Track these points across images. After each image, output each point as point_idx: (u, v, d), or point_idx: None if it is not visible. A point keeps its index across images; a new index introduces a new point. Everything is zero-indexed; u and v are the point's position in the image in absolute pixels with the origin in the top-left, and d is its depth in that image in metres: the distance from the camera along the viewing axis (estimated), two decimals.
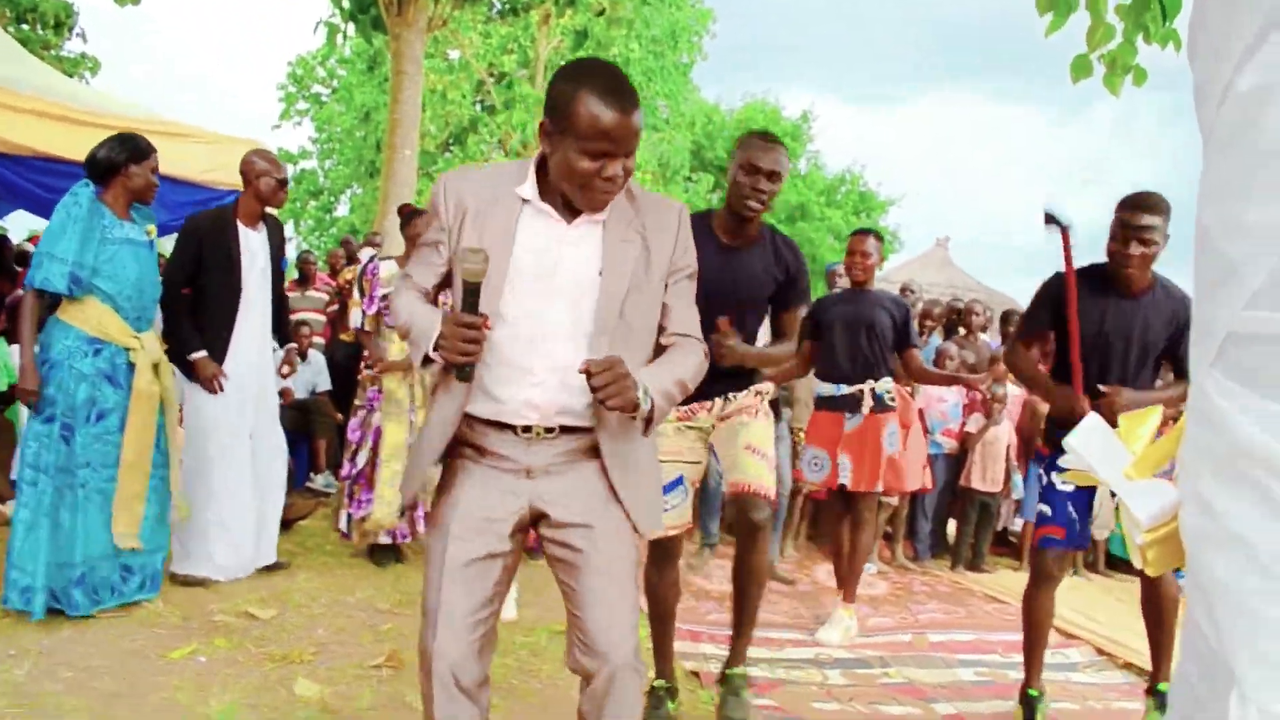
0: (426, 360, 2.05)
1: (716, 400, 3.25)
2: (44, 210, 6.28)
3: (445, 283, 2.21)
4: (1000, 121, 70.15)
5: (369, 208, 24.69)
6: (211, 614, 4.07)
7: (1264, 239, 1.00)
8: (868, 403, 4.77)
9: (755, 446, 3.15)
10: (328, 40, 10.67)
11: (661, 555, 3.25)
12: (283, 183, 4.68)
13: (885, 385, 4.77)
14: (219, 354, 4.53)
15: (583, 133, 1.94)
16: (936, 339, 7.34)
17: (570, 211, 2.11)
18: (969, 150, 69.04)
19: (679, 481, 3.22)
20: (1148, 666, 4.33)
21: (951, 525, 6.95)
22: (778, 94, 54.13)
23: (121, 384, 4.00)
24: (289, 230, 26.22)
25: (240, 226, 4.59)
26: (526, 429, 2.09)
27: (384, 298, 5.13)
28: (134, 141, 4.09)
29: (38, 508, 3.79)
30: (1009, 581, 6.19)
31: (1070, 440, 2.77)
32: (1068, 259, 3.33)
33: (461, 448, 2.16)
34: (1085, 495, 3.46)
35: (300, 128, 30.04)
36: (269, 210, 4.74)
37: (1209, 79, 1.07)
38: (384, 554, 5.19)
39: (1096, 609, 5.58)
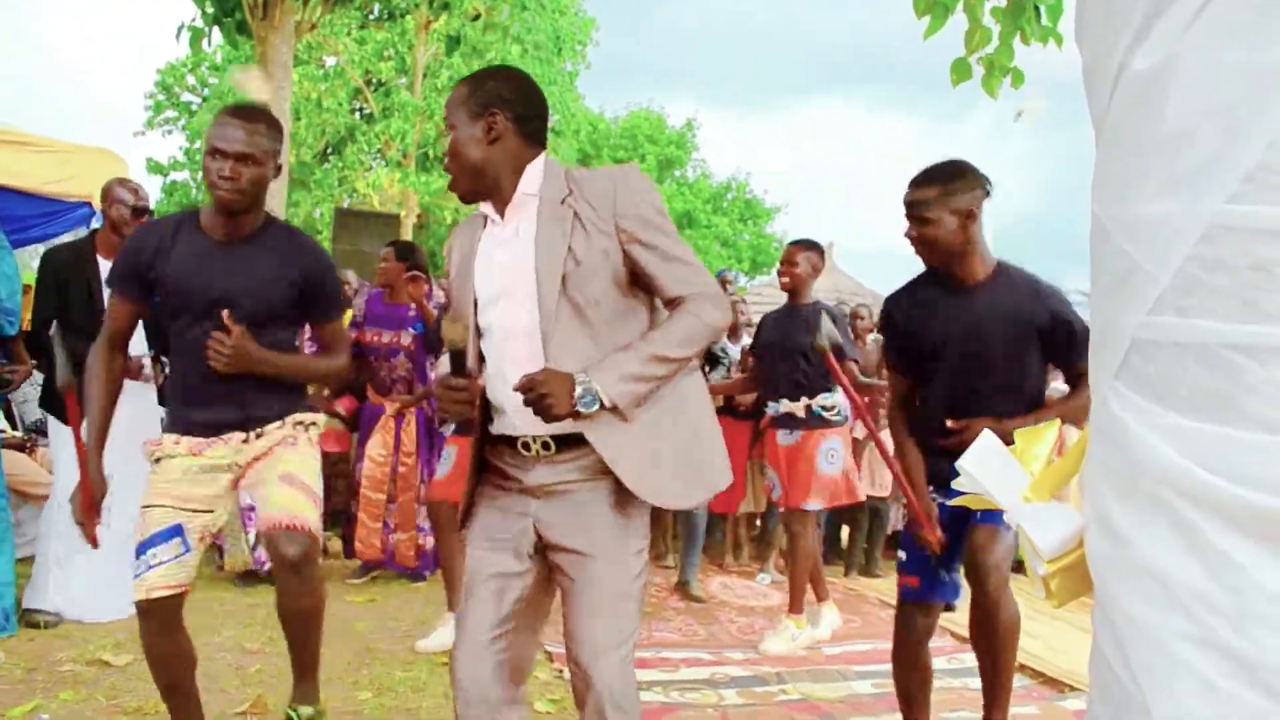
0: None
1: (238, 435, 2.79)
2: None
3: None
4: (878, 130, 71.99)
5: None
6: (59, 663, 3.75)
7: (1168, 235, 0.89)
8: (801, 418, 4.71)
9: (292, 475, 2.79)
10: (192, 45, 10.16)
11: (158, 622, 2.72)
12: (139, 211, 4.46)
13: (824, 401, 4.68)
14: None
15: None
16: None
17: (500, 207, 2.16)
18: (848, 159, 70.62)
19: (176, 532, 2.70)
20: (1040, 668, 4.37)
21: (844, 532, 6.94)
22: (661, 104, 54.49)
23: None
24: None
25: (100, 260, 4.40)
26: (526, 446, 2.11)
27: None
28: None
29: None
30: None
31: (964, 462, 2.57)
32: (836, 377, 3.16)
33: (487, 473, 2.24)
34: (951, 538, 2.98)
35: (171, 137, 28.86)
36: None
37: (1100, 59, 0.95)
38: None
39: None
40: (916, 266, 3.04)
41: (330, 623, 4.45)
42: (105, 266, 4.40)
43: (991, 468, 2.37)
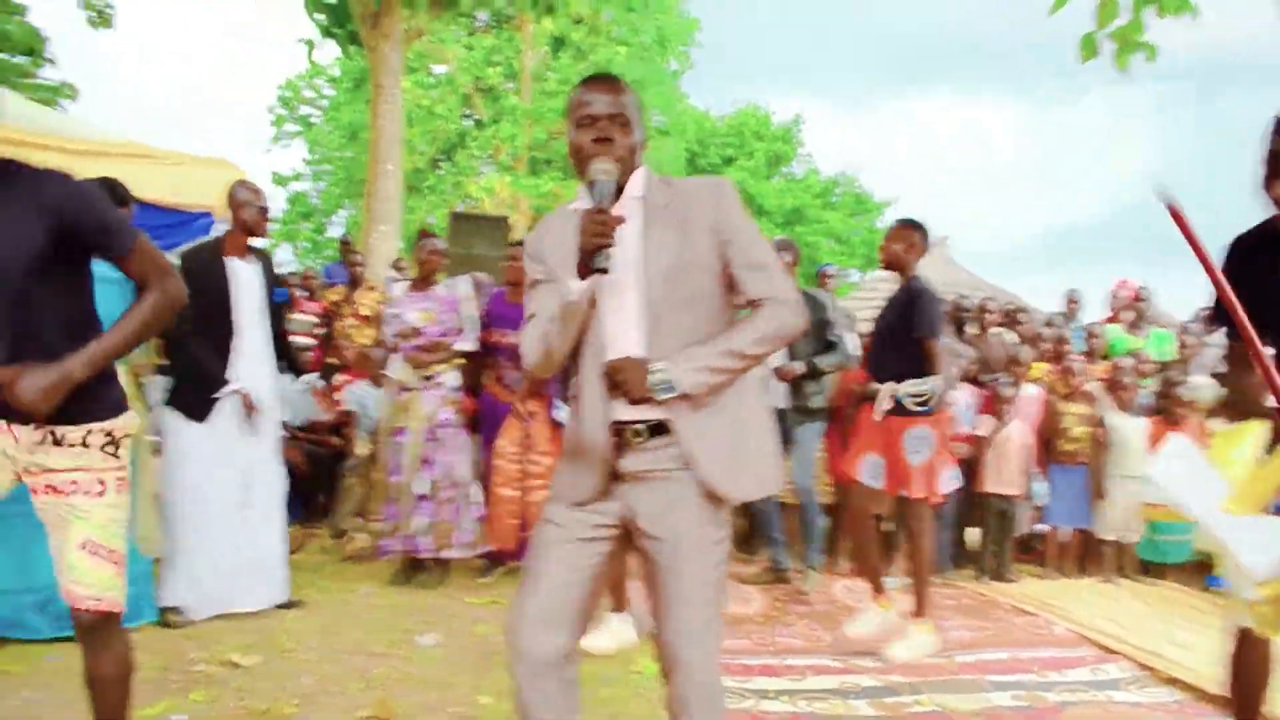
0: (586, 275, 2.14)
1: (24, 429, 2.30)
2: None
3: None
4: (989, 118, 69.92)
5: (361, 227, 24.51)
6: (191, 663, 3.79)
7: None
8: (882, 405, 4.49)
9: (96, 544, 2.35)
10: (307, 57, 10.44)
11: None
12: (264, 211, 4.57)
13: (907, 388, 4.46)
14: (215, 387, 4.44)
15: (572, 112, 2.24)
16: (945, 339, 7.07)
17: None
18: (960, 149, 68.77)
19: None
20: (1192, 681, 4.08)
21: (971, 533, 6.66)
22: (767, 99, 54.07)
23: None
24: (287, 253, 26.01)
25: (229, 260, 4.49)
26: (619, 433, 2.18)
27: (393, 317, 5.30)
28: (119, 187, 4.18)
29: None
30: (1037, 591, 5.91)
31: (1151, 470, 2.27)
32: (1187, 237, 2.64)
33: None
34: None
35: (292, 150, 29.82)
36: (256, 244, 4.66)
37: None
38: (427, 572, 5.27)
39: (1130, 617, 5.30)
40: (1035, 257, 2.84)
41: (450, 625, 4.47)
42: (235, 266, 4.50)
43: (1183, 474, 2.07)
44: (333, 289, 8.08)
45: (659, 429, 2.18)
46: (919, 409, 4.45)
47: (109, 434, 2.36)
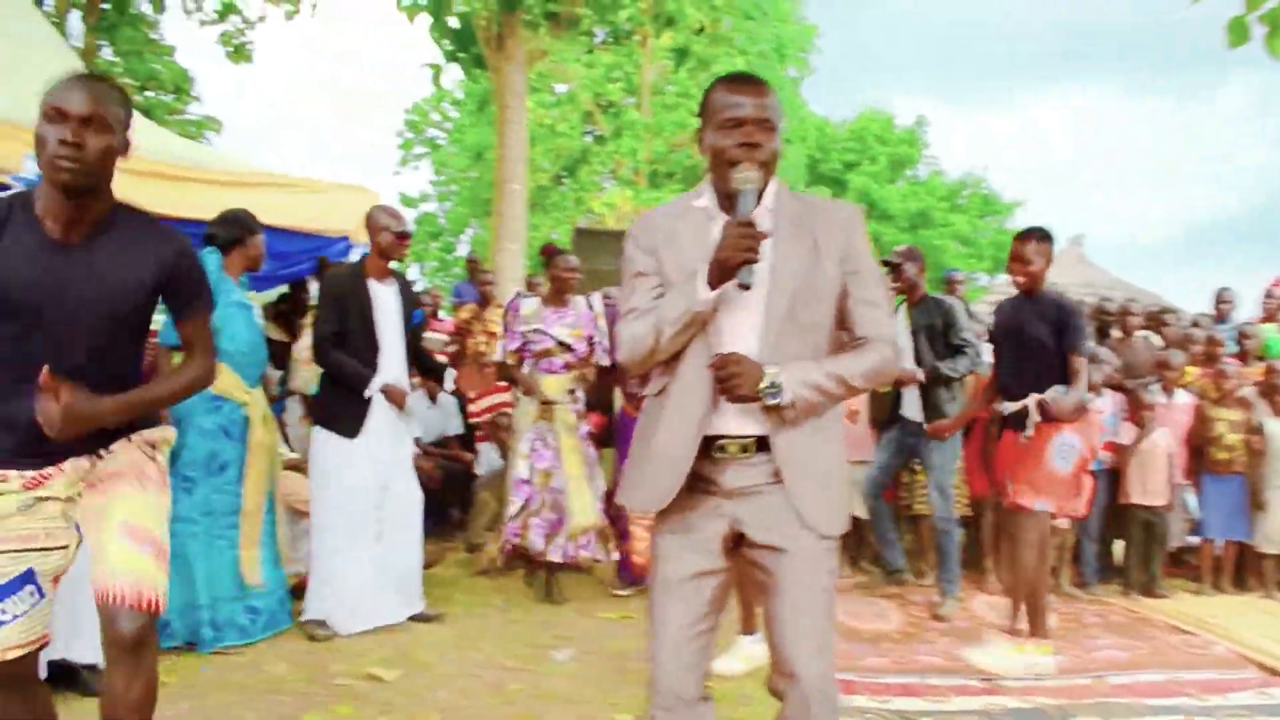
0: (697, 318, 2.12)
1: (74, 461, 2.26)
2: None
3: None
4: (1119, 114, 67.09)
5: (487, 245, 25.05)
6: (335, 676, 3.90)
7: None
8: (1034, 418, 4.32)
9: (135, 526, 2.25)
10: (433, 81, 10.71)
11: (12, 688, 2.29)
12: (401, 236, 4.67)
13: (1052, 393, 4.28)
14: (358, 407, 4.57)
15: (714, 113, 2.16)
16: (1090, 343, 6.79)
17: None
18: (1090, 146, 66.19)
19: (27, 578, 2.23)
20: None
21: (1119, 547, 6.38)
22: (889, 102, 53.15)
23: (237, 438, 4.29)
24: (415, 273, 26.71)
25: (370, 282, 4.63)
26: (722, 449, 2.15)
27: (524, 334, 5.27)
28: (250, 217, 4.44)
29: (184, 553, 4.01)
30: (1192, 608, 5.61)
31: None
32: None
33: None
34: None
35: (420, 171, 30.69)
36: (394, 266, 4.80)
37: None
38: (546, 582, 5.27)
39: None
40: (1174, 254, 2.71)
41: (584, 640, 4.48)
42: (375, 289, 4.62)
43: None
44: (463, 307, 8.25)
45: (761, 444, 2.15)
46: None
47: (149, 440, 2.37)
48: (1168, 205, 64.41)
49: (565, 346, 5.26)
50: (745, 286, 2.07)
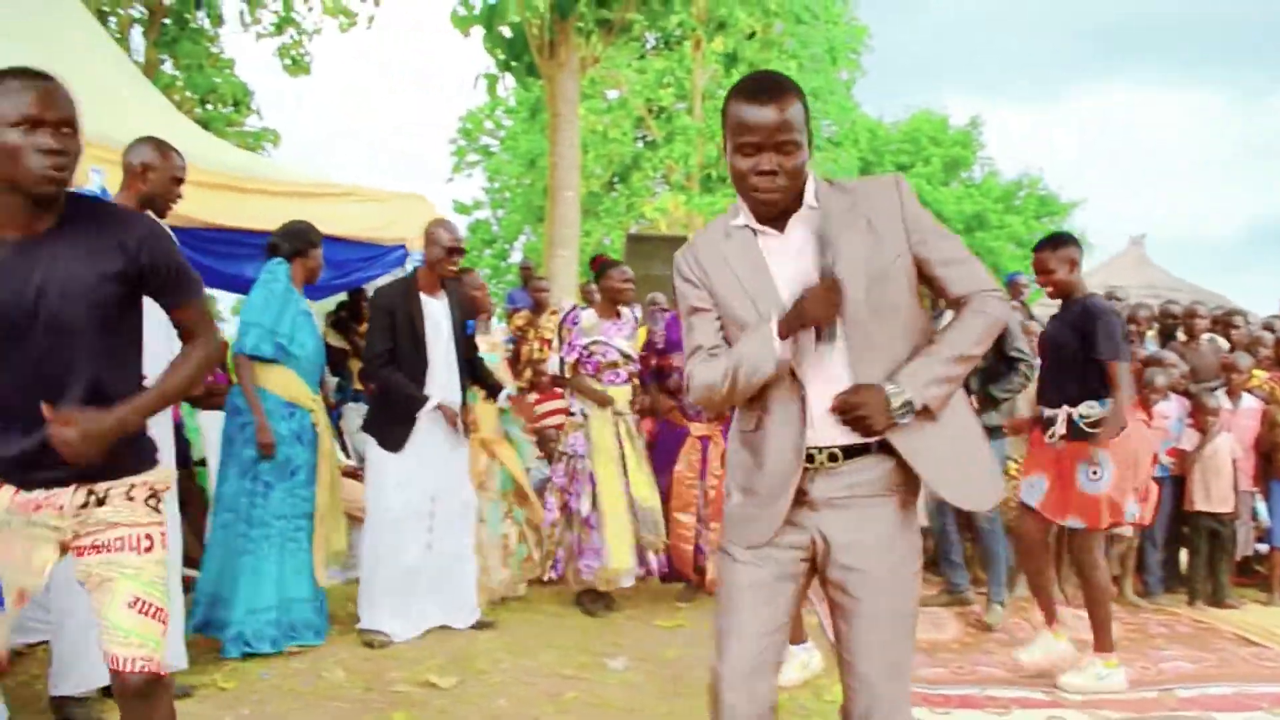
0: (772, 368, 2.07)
1: (68, 495, 2.17)
2: (210, 279, 6.47)
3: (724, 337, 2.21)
4: (1178, 109, 65.68)
5: (540, 252, 25.19)
6: (392, 683, 3.94)
7: None
8: (1059, 429, 4.21)
9: (145, 604, 2.19)
10: (488, 91, 10.81)
11: None
12: (452, 251, 4.69)
13: (1087, 410, 4.19)
14: (404, 421, 4.59)
15: (731, 131, 2.04)
16: (1151, 345, 6.64)
17: (780, 223, 2.12)
18: (1149, 142, 64.91)
19: None
20: None
21: (1186, 555, 6.22)
22: (942, 102, 52.64)
23: (307, 443, 4.42)
24: None
25: (422, 296, 4.67)
26: (810, 458, 2.07)
27: (585, 346, 5.26)
28: (311, 230, 4.55)
29: (240, 554, 4.21)
30: (1261, 619, 5.45)
31: None
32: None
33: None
34: None
35: (473, 179, 30.97)
36: (450, 277, 4.82)
37: None
38: (595, 601, 5.20)
39: None
40: (1239, 254, 2.62)
41: (639, 649, 4.48)
42: (427, 302, 4.66)
43: None
44: (517, 314, 8.30)
45: (852, 451, 2.07)
46: (1091, 430, 4.19)
47: (151, 488, 2.27)
48: (1231, 202, 63.02)
49: (627, 358, 5.29)
50: (831, 339, 2.04)
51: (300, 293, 4.48)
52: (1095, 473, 4.16)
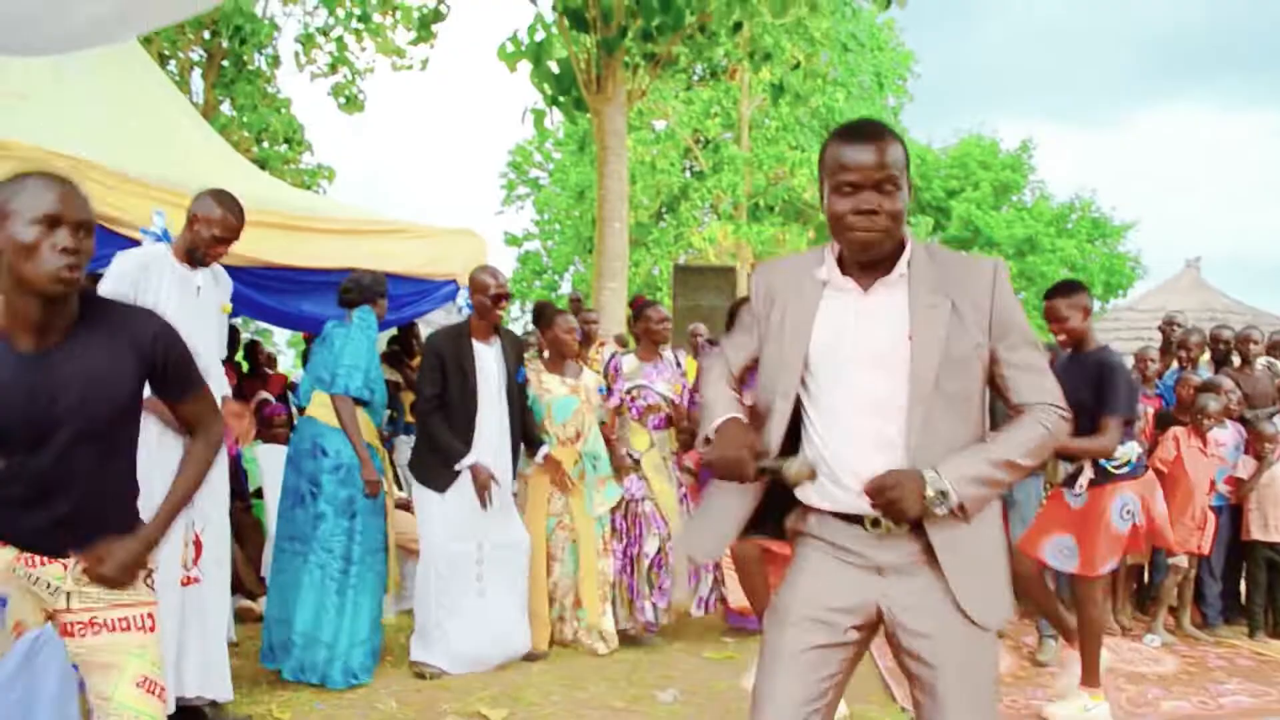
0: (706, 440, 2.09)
1: (68, 563, 2.17)
2: (269, 317, 6.62)
3: (753, 365, 2.23)
4: (1237, 128, 64.50)
5: (589, 283, 25.36)
6: (443, 715, 3.99)
7: None
8: (1086, 477, 4.16)
9: (153, 680, 2.20)
10: (536, 125, 10.97)
11: None
12: (498, 299, 4.75)
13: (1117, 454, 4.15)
14: (453, 463, 4.63)
15: (830, 172, 2.00)
16: (1205, 371, 6.53)
17: (867, 281, 2.06)
18: (1206, 163, 63.76)
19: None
20: None
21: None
22: (993, 125, 52.26)
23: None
24: (517, 312, 27.18)
25: (475, 343, 4.73)
26: (875, 523, 2.00)
27: (627, 391, 5.30)
28: (380, 281, 4.76)
29: (335, 590, 4.35)
30: None
31: None
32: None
33: (805, 540, 2.12)
34: None
35: (523, 211, 31.37)
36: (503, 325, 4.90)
37: None
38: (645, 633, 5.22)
39: None
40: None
41: (688, 681, 4.48)
42: (479, 349, 4.72)
43: None
44: None
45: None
46: (1119, 471, 4.17)
47: (149, 567, 2.26)
48: None
49: (668, 401, 5.32)
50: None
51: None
52: (1129, 512, 4.13)
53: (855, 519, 2.02)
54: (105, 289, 3.50)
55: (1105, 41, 63.25)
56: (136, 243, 4.58)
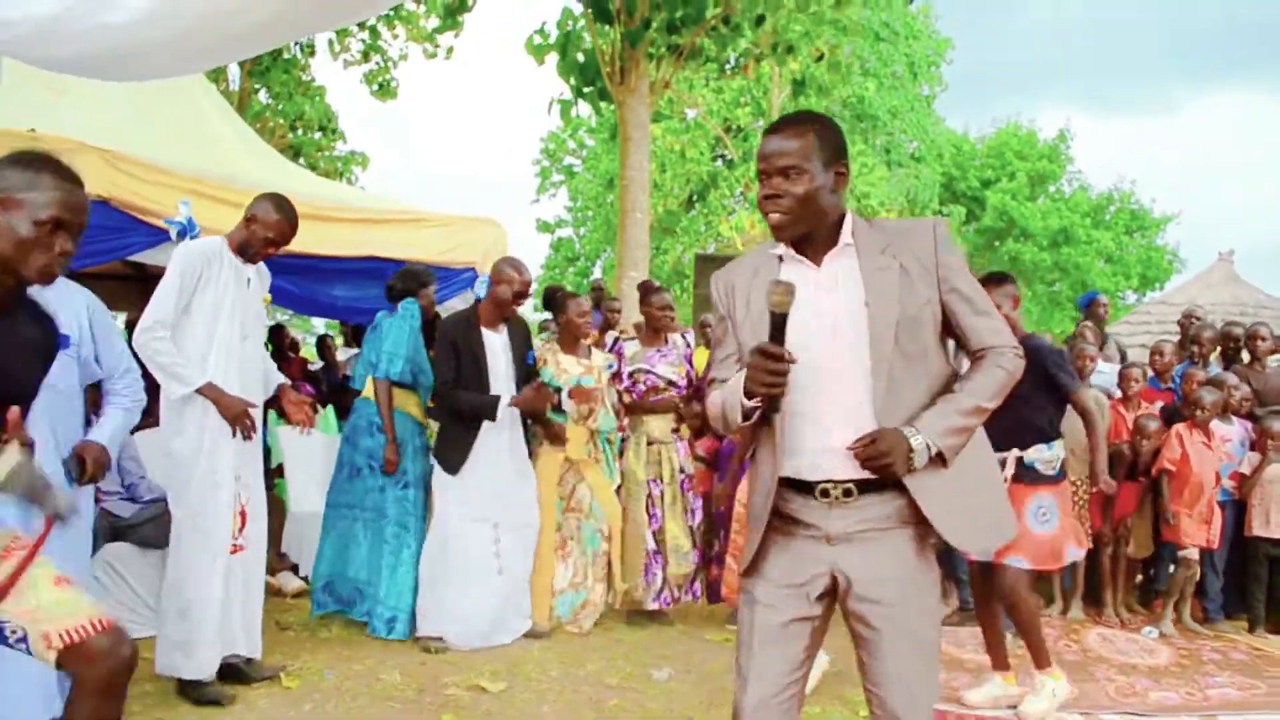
0: (746, 417, 2.12)
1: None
2: (298, 305, 6.82)
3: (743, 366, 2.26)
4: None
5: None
6: (444, 687, 4.15)
7: None
8: (1009, 472, 4.18)
9: (60, 575, 2.25)
10: (562, 116, 11.11)
11: None
12: (520, 294, 4.90)
13: (1035, 454, 4.21)
14: (465, 450, 4.81)
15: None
16: (1215, 368, 6.57)
17: (818, 255, 2.19)
18: (1253, 154, 62.66)
19: None
20: None
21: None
22: (1032, 113, 51.72)
23: (424, 451, 5.03)
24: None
25: (483, 330, 4.90)
26: (825, 493, 2.11)
27: (630, 374, 5.44)
28: (423, 272, 5.26)
29: (389, 551, 4.84)
30: None
31: None
32: None
33: (771, 518, 2.20)
34: None
35: (556, 198, 31.52)
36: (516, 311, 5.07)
37: None
38: (640, 618, 5.33)
39: None
40: None
41: (686, 660, 4.63)
42: (488, 336, 4.89)
43: None
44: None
45: (867, 485, 2.10)
46: (1049, 473, 4.24)
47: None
48: None
49: (671, 384, 5.43)
50: (773, 411, 2.07)
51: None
52: (1044, 515, 4.20)
53: (808, 489, 2.13)
54: (174, 277, 3.80)
55: (1150, 29, 62.34)
56: (163, 231, 4.80)
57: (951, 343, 2.28)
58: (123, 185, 4.71)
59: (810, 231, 2.16)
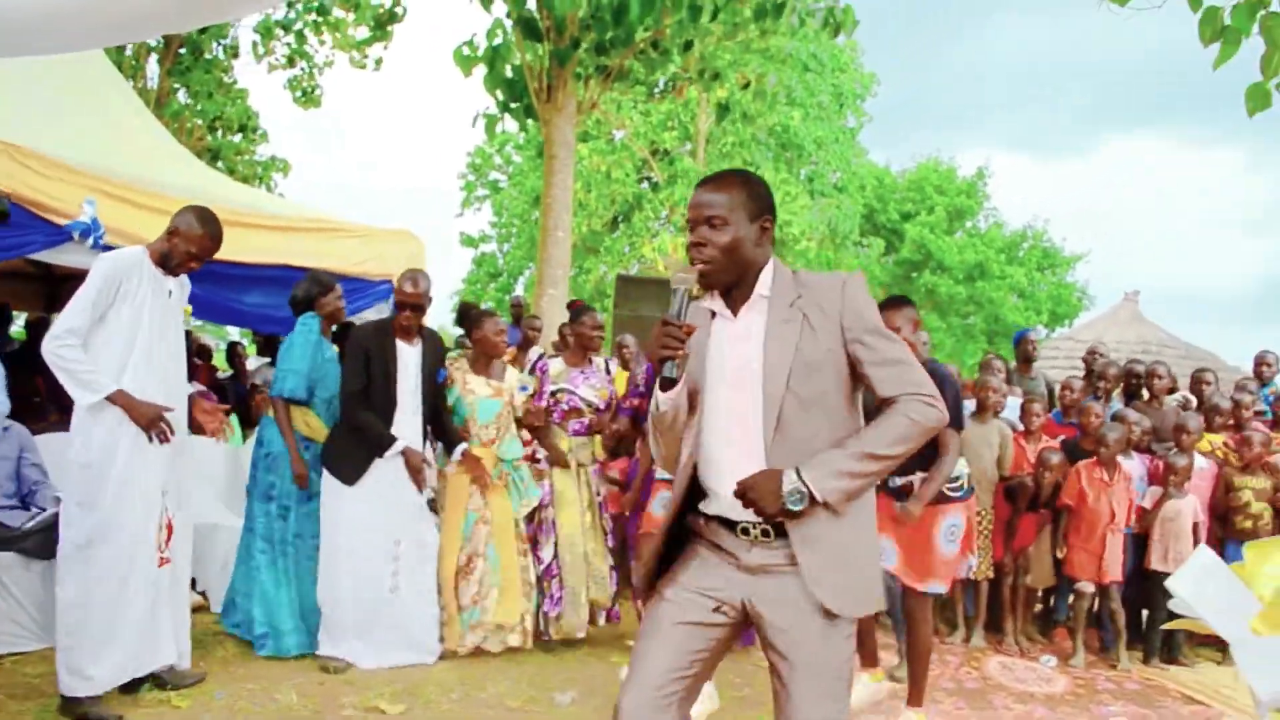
0: (666, 386, 2.23)
1: None
2: (208, 312, 6.64)
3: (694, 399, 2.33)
4: (1192, 166, 66.01)
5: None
6: (341, 707, 4.06)
7: None
8: (916, 497, 4.22)
9: None
10: (487, 131, 11.05)
11: None
12: (408, 307, 4.80)
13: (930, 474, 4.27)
14: (361, 456, 4.73)
15: None
16: (1117, 403, 6.77)
17: (736, 307, 2.29)
18: (1156, 199, 65.18)
19: None
20: None
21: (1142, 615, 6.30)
22: (951, 151, 53.13)
23: (317, 472, 4.85)
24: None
25: (398, 341, 4.84)
26: (746, 531, 2.21)
27: (553, 394, 5.32)
28: (321, 275, 5.11)
29: (279, 570, 4.80)
30: (1214, 678, 5.53)
31: (1174, 583, 2.21)
32: None
33: (697, 539, 2.32)
34: None
35: (481, 212, 31.32)
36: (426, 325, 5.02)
37: None
38: (553, 638, 5.25)
39: None
40: (1243, 312, 2.71)
41: (590, 683, 4.58)
42: (401, 348, 4.82)
43: (1210, 588, 1.95)
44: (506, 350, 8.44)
45: (779, 528, 2.17)
46: (955, 494, 4.35)
47: None
48: (1248, 259, 63.13)
49: (591, 406, 5.35)
50: (672, 380, 2.19)
51: (328, 339, 5.01)
52: (953, 533, 4.30)
53: (731, 525, 2.23)
54: (91, 288, 3.71)
55: (1067, 74, 64.60)
56: (63, 230, 4.64)
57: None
58: (24, 181, 4.54)
59: (735, 280, 2.26)
